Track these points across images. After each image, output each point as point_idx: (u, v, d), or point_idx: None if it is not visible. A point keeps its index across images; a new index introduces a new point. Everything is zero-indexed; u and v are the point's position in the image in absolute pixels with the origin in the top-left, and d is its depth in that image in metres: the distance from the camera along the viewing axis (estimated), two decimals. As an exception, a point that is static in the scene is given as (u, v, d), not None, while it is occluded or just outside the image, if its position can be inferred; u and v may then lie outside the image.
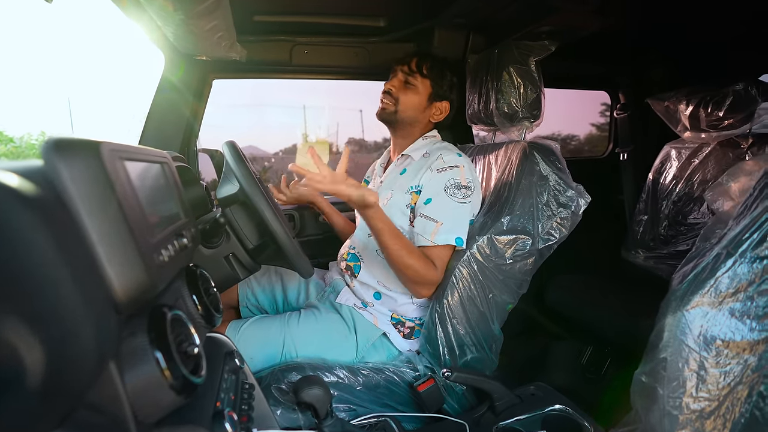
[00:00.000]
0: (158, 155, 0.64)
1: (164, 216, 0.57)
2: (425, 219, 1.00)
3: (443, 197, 1.00)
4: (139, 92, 1.44)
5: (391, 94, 1.15)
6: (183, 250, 0.58)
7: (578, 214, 1.00)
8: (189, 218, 0.71)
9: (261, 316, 1.09)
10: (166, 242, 0.52)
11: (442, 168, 1.03)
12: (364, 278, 1.11)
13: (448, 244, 0.99)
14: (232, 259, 0.95)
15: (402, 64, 1.16)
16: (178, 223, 0.62)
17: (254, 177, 0.89)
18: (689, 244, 1.56)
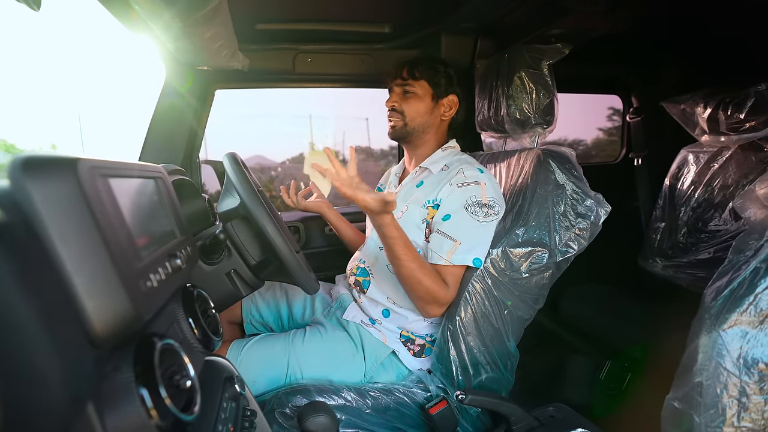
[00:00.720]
0: (151, 170, 0.60)
1: (156, 236, 0.53)
2: (442, 236, 0.95)
3: (463, 215, 0.94)
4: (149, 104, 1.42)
5: (396, 110, 1.12)
6: (177, 272, 0.54)
7: (598, 225, 0.95)
8: (186, 236, 0.67)
9: (265, 334, 1.04)
10: (156, 265, 0.47)
11: (463, 183, 0.98)
12: (373, 294, 1.06)
13: (464, 265, 0.94)
14: (234, 275, 0.91)
15: (394, 79, 1.14)
16: (172, 242, 0.58)
17: (255, 190, 0.85)
18: (711, 252, 1.49)
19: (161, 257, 0.50)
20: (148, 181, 0.57)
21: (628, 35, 1.52)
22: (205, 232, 0.93)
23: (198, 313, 0.65)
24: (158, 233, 0.54)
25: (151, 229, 0.52)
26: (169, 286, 0.52)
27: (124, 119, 6.42)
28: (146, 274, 0.44)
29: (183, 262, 0.55)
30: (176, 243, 0.60)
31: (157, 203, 0.59)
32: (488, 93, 1.23)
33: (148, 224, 0.51)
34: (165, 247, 0.53)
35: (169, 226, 0.61)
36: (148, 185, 0.56)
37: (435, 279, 0.91)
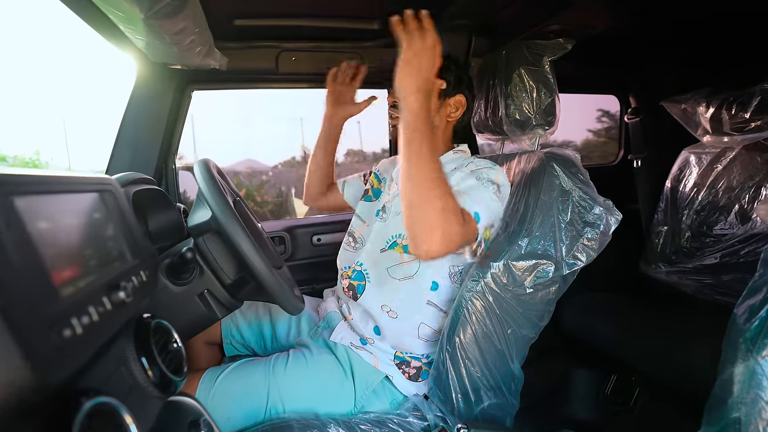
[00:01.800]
0: (94, 182, 0.50)
1: (91, 265, 0.43)
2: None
3: (474, 180, 0.87)
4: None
5: (397, 107, 0.97)
6: (119, 308, 0.44)
7: (608, 234, 0.87)
8: (140, 259, 0.57)
9: (242, 361, 0.94)
10: (84, 305, 0.38)
11: (474, 169, 0.91)
12: (366, 301, 0.97)
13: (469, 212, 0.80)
14: (208, 296, 0.81)
15: None
16: (117, 269, 0.48)
17: (228, 201, 0.75)
18: (717, 257, 1.43)
19: (96, 292, 0.41)
20: (85, 196, 0.47)
21: (626, 33, 1.46)
22: (173, 249, 0.83)
23: (154, 350, 0.55)
24: (95, 260, 0.44)
25: (83, 256, 0.42)
26: (107, 327, 0.42)
27: (109, 122, 6.23)
28: (66, 319, 0.34)
29: (128, 295, 0.46)
30: (124, 269, 0.50)
31: (99, 222, 0.49)
32: (485, 93, 1.15)
33: (79, 250, 0.41)
34: (104, 278, 0.43)
35: (117, 249, 0.51)
36: (85, 201, 0.47)
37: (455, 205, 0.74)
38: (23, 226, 0.33)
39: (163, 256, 0.81)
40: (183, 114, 1.34)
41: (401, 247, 0.97)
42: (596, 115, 6.93)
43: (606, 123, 6.96)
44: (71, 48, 7.85)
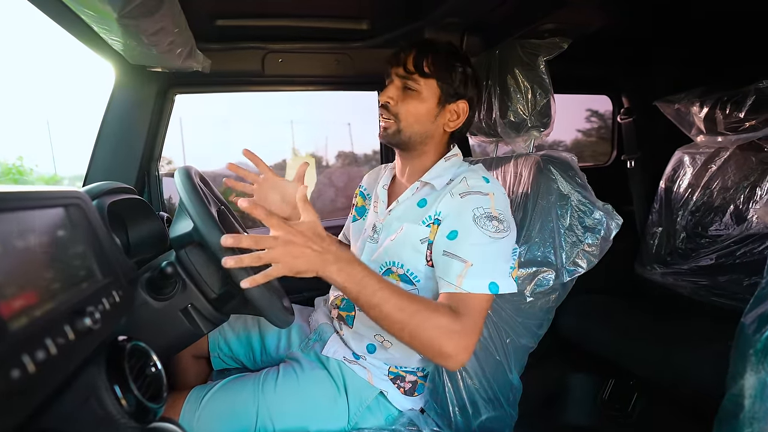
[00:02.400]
0: (57, 197, 0.46)
1: (52, 287, 0.39)
2: (449, 258, 0.76)
3: (472, 229, 0.77)
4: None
5: (389, 109, 0.88)
6: (85, 336, 0.40)
7: (609, 240, 0.84)
8: (114, 276, 0.52)
9: (230, 378, 0.89)
10: (40, 337, 0.34)
11: (466, 192, 0.81)
12: (359, 329, 0.92)
13: (480, 292, 0.73)
14: (192, 311, 0.76)
15: (396, 66, 0.89)
16: (85, 290, 0.44)
17: (209, 212, 0.71)
18: (713, 258, 1.42)
19: (56, 321, 0.36)
20: (47, 213, 0.43)
21: (619, 32, 1.44)
22: (153, 262, 0.78)
23: (129, 377, 0.50)
24: (58, 283, 0.40)
25: (43, 280, 0.38)
26: (70, 359, 0.38)
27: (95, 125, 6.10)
28: (14, 357, 0.30)
29: (96, 321, 0.41)
30: (93, 291, 0.46)
31: (63, 240, 0.45)
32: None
33: (36, 275, 0.37)
34: (67, 304, 0.39)
35: (84, 269, 0.47)
36: (46, 218, 0.42)
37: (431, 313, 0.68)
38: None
39: (143, 269, 0.77)
40: (165, 118, 1.28)
41: (397, 275, 0.88)
42: (585, 114, 6.98)
43: (595, 123, 7.02)
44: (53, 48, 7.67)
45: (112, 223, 0.93)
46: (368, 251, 0.95)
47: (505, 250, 0.78)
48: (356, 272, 0.68)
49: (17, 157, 5.68)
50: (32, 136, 6.18)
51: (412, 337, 0.68)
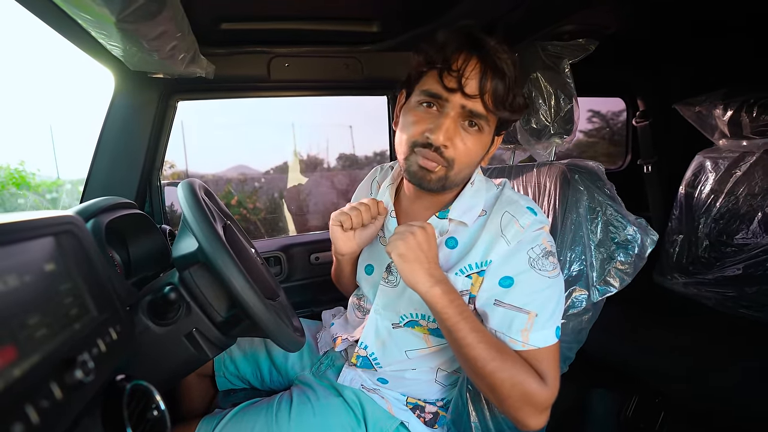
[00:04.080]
0: (44, 225, 0.40)
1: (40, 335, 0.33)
2: (506, 309, 0.66)
3: (530, 275, 0.66)
4: None
5: (443, 153, 0.68)
6: (75, 392, 0.35)
7: (644, 258, 0.78)
8: (111, 311, 0.47)
9: (241, 407, 0.83)
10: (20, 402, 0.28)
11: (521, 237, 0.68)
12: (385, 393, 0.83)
13: (550, 344, 0.65)
14: (197, 335, 0.71)
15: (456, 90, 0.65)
16: (78, 332, 0.38)
17: (215, 231, 0.65)
18: (740, 268, 1.35)
19: (40, 379, 0.31)
20: (31, 245, 0.37)
21: (634, 33, 1.39)
22: (155, 284, 0.73)
23: (126, 424, 0.45)
24: (45, 330, 0.34)
25: (24, 329, 0.32)
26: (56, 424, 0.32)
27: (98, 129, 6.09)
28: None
29: (89, 372, 0.36)
30: (86, 333, 0.40)
31: (52, 275, 0.39)
32: None
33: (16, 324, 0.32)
34: (54, 355, 0.34)
35: (77, 305, 0.41)
36: (31, 252, 0.37)
37: (521, 370, 0.63)
38: None
39: (144, 291, 0.71)
40: (167, 126, 1.23)
41: (427, 330, 0.76)
42: (587, 115, 6.96)
43: (597, 123, 7.01)
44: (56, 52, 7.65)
45: (111, 241, 0.88)
46: (383, 297, 0.82)
47: (561, 287, 0.70)
48: (459, 303, 0.64)
49: (19, 162, 5.64)
50: (34, 141, 6.14)
51: (491, 390, 0.63)
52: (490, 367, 0.62)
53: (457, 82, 0.64)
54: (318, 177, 5.77)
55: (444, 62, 0.65)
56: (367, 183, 0.97)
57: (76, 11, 0.70)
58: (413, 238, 0.63)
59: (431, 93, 0.67)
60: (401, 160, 0.73)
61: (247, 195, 5.79)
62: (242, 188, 5.80)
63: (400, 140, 0.73)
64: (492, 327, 0.67)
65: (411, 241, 0.63)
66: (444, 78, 0.65)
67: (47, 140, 5.59)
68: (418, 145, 0.69)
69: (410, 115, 0.71)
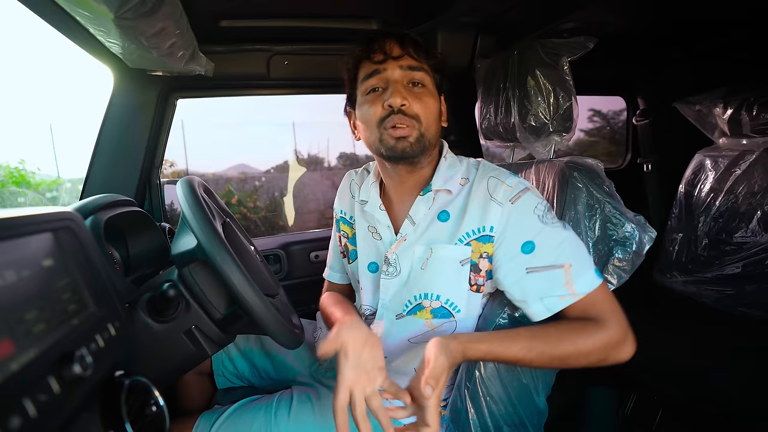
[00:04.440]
0: (43, 220, 0.40)
1: (37, 330, 0.33)
2: (543, 272, 0.68)
3: (548, 231, 0.69)
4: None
5: (406, 112, 0.73)
6: (73, 386, 0.35)
7: (642, 254, 0.78)
8: (109, 307, 0.47)
9: (240, 404, 0.83)
10: (17, 397, 0.28)
11: (515, 196, 0.71)
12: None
13: (597, 286, 0.67)
14: (196, 332, 0.71)
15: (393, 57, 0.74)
16: (74, 330, 0.38)
17: (214, 228, 0.65)
18: (739, 267, 1.35)
19: (38, 373, 0.31)
20: (30, 241, 0.37)
21: (635, 31, 1.39)
22: (154, 281, 0.73)
23: (125, 419, 0.45)
24: (43, 324, 0.34)
25: (22, 323, 0.32)
26: (54, 417, 0.32)
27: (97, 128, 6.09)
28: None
29: (86, 367, 0.36)
30: (84, 328, 0.40)
31: (50, 270, 0.39)
32: (494, 96, 1.06)
33: (14, 319, 0.32)
34: (52, 350, 0.34)
35: (75, 301, 0.41)
36: (30, 247, 0.37)
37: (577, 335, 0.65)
38: None
39: (143, 288, 0.72)
40: (167, 124, 1.23)
41: (430, 311, 0.77)
42: (588, 114, 6.97)
43: (598, 122, 7.02)
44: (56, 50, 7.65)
45: (110, 238, 0.88)
46: (388, 289, 0.82)
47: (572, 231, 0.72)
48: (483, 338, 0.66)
49: (19, 161, 5.65)
50: (34, 140, 6.14)
51: (570, 366, 0.67)
52: (547, 357, 0.64)
53: (383, 54, 0.75)
54: (318, 176, 5.76)
55: (367, 48, 0.77)
56: (345, 188, 0.98)
57: (74, 8, 0.70)
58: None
59: (369, 74, 0.76)
60: (376, 143, 0.77)
61: (248, 194, 5.80)
62: (242, 187, 5.81)
63: (368, 129, 0.78)
64: (538, 296, 0.68)
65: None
66: (372, 57, 0.76)
67: (47, 139, 5.59)
68: (383, 119, 0.74)
69: (365, 106, 0.77)
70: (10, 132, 6.34)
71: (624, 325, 0.67)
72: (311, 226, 4.75)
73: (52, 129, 5.95)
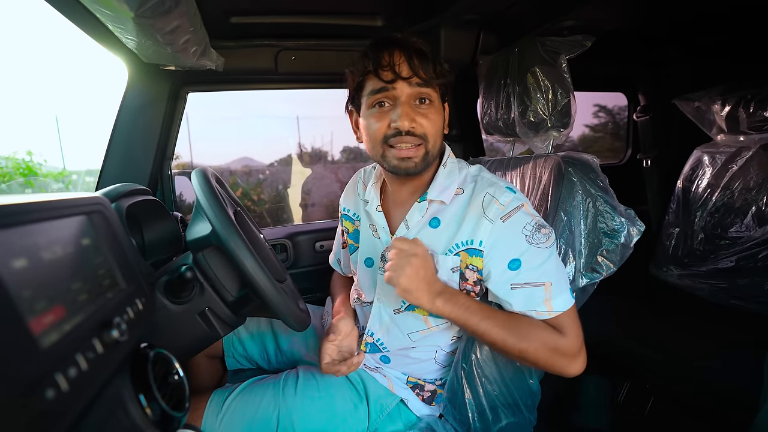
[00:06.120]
0: (81, 204, 0.45)
1: (79, 299, 0.38)
2: (525, 288, 0.73)
3: (533, 251, 0.73)
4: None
5: (415, 134, 0.75)
6: (113, 348, 0.39)
7: (629, 246, 0.82)
8: (136, 283, 0.51)
9: (250, 381, 0.88)
10: (71, 353, 0.33)
11: (507, 215, 0.74)
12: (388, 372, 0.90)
13: (570, 305, 0.74)
14: (209, 314, 0.76)
15: (401, 78, 0.73)
16: (111, 300, 0.43)
17: (229, 214, 0.70)
18: (733, 261, 1.39)
19: (84, 336, 0.36)
20: (70, 222, 0.42)
21: (635, 29, 1.41)
22: (170, 265, 0.78)
23: (153, 385, 0.50)
24: (85, 294, 0.39)
25: (70, 292, 0.37)
26: (99, 374, 0.37)
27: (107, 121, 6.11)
28: (48, 376, 0.29)
29: (123, 333, 0.41)
30: (118, 301, 0.45)
31: (88, 248, 0.44)
32: (495, 92, 1.10)
33: (65, 286, 0.36)
34: (95, 315, 0.38)
35: (108, 277, 0.46)
36: (70, 227, 0.41)
37: (538, 333, 0.72)
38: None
39: (159, 272, 0.76)
40: (178, 117, 1.28)
41: (425, 311, 0.81)
42: (593, 110, 6.93)
43: (603, 118, 6.98)
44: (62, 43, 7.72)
45: (128, 226, 0.93)
46: (383, 286, 0.86)
47: (556, 252, 0.78)
48: (462, 302, 0.72)
49: (27, 152, 5.71)
50: (41, 132, 6.20)
51: (521, 358, 0.73)
52: (510, 342, 0.71)
53: (392, 72, 0.73)
54: (322, 169, 5.79)
55: (375, 63, 0.75)
56: (353, 185, 1.02)
57: (95, 5, 0.74)
58: (411, 269, 0.69)
59: (377, 90, 0.75)
60: (379, 159, 0.80)
61: (252, 187, 5.85)
62: (247, 180, 5.85)
63: (372, 143, 0.79)
64: (517, 309, 0.74)
65: (409, 272, 0.68)
66: (381, 74, 0.74)
67: (52, 130, 5.64)
68: (389, 138, 0.76)
69: (370, 119, 0.78)
70: (18, 124, 6.41)
71: (579, 343, 0.75)
72: (315, 219, 4.80)
73: (58, 120, 6.00)
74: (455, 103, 1.51)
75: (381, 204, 0.89)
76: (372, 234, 0.91)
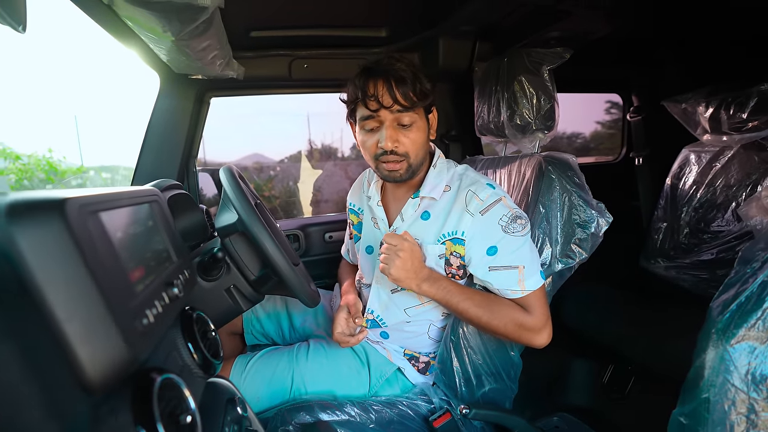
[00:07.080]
0: (144, 194, 0.58)
1: (152, 265, 0.51)
2: (501, 271, 0.86)
3: (508, 239, 0.85)
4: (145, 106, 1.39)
5: (397, 153, 0.88)
6: (174, 302, 0.53)
7: (599, 236, 0.94)
8: (183, 258, 0.65)
9: (268, 349, 1.03)
10: (152, 299, 0.46)
11: (485, 209, 0.87)
12: (388, 346, 1.03)
13: (540, 285, 0.87)
14: (234, 290, 0.90)
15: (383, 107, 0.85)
16: (169, 268, 0.57)
17: (252, 205, 0.83)
18: (714, 253, 1.48)
19: (158, 289, 0.49)
20: (141, 207, 0.55)
21: (625, 35, 1.50)
22: (203, 248, 0.92)
23: (197, 337, 0.63)
24: (154, 262, 0.52)
25: (146, 258, 0.50)
26: (167, 318, 0.50)
27: (121, 121, 6.33)
28: (142, 310, 0.43)
29: (180, 290, 0.54)
30: (173, 268, 0.58)
31: (152, 229, 0.57)
32: (488, 97, 1.21)
33: (142, 254, 0.50)
34: (161, 277, 0.52)
35: (165, 251, 0.59)
36: (142, 211, 0.55)
37: (508, 311, 0.86)
38: (108, 237, 0.41)
39: (192, 254, 0.90)
40: (202, 119, 1.42)
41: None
42: (605, 107, 6.88)
43: (615, 114, 6.95)
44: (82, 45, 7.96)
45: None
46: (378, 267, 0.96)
47: (531, 242, 0.90)
48: (444, 285, 0.86)
49: (47, 149, 5.95)
50: (60, 129, 6.42)
51: (494, 333, 0.87)
52: (485, 319, 0.85)
53: (376, 102, 0.85)
54: (332, 166, 5.92)
55: (362, 94, 0.86)
56: (359, 183, 1.17)
57: (141, 30, 0.88)
58: (399, 261, 0.83)
59: (365, 117, 0.89)
60: (374, 169, 0.96)
61: (263, 183, 6.00)
62: (258, 176, 6.01)
63: (366, 157, 0.95)
64: (496, 288, 0.88)
65: (398, 263, 0.82)
66: (367, 104, 0.86)
67: (72, 129, 5.86)
68: (378, 156, 0.90)
69: (363, 137, 0.92)
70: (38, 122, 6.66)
71: (544, 320, 0.87)
72: (324, 212, 4.94)
73: (77, 120, 6.22)
74: (454, 106, 1.62)
75: (381, 199, 1.03)
76: (373, 225, 1.05)
